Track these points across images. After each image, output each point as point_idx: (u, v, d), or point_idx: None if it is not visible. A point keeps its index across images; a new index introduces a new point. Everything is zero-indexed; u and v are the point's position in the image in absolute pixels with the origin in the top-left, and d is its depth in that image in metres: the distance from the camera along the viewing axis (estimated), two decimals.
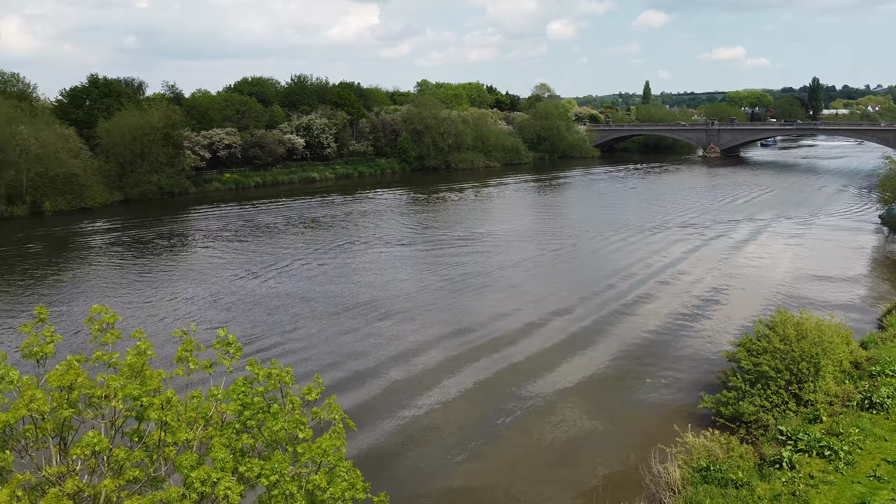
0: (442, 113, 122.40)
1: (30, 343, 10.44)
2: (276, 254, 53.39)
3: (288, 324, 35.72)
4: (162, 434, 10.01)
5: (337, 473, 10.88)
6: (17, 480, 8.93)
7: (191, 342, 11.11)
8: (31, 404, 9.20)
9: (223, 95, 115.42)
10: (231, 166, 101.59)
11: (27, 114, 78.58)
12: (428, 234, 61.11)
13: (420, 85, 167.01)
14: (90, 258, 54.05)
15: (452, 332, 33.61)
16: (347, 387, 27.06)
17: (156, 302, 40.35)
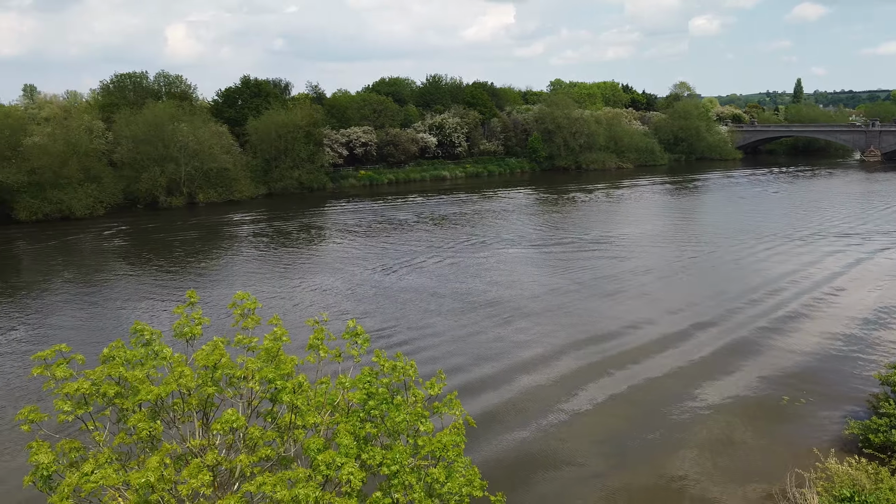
0: (574, 112, 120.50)
1: (181, 324, 11.39)
2: (407, 249, 54.74)
3: (418, 319, 36.39)
4: (293, 417, 10.59)
5: (455, 469, 11.03)
6: (165, 449, 9.75)
7: (322, 331, 11.66)
8: (180, 380, 10.02)
9: (361, 95, 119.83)
10: (366, 163, 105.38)
11: (187, 113, 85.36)
12: (557, 235, 60.35)
13: (553, 84, 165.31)
14: (236, 246, 57.98)
15: (583, 339, 32.71)
16: (471, 386, 27.06)
17: (293, 290, 42.63)
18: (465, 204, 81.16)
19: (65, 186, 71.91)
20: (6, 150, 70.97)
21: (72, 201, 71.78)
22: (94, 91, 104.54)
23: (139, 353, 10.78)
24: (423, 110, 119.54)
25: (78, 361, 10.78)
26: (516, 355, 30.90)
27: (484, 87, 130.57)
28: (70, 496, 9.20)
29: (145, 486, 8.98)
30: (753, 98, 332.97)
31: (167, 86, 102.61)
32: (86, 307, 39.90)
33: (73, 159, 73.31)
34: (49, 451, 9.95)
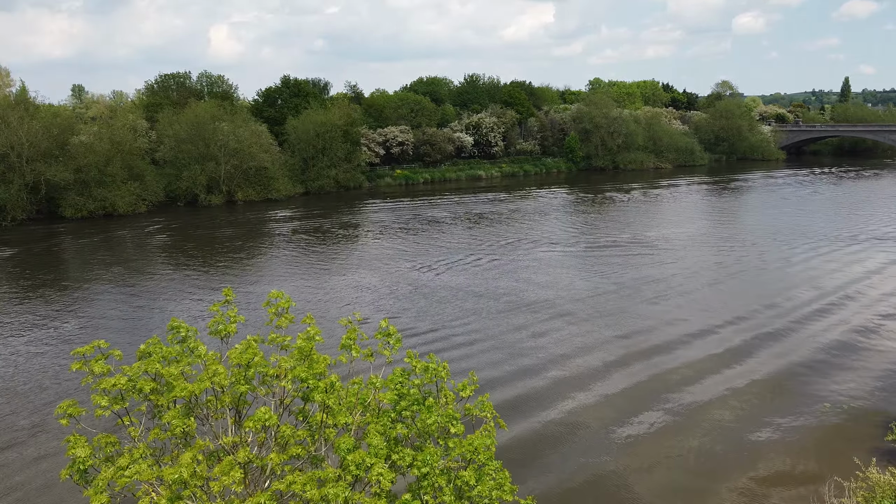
0: (613, 112, 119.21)
1: (216, 322, 11.49)
2: (444, 248, 54.76)
3: (456, 318, 36.27)
4: (324, 416, 10.59)
5: (486, 472, 10.91)
6: (198, 446, 9.85)
7: (355, 330, 11.65)
8: (213, 378, 10.10)
9: (399, 95, 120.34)
10: (402, 163, 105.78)
11: (228, 112, 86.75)
12: (595, 235, 59.71)
13: (592, 83, 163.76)
14: (274, 244, 58.69)
15: (624, 342, 32.08)
16: (507, 388, 26.79)
17: (329, 288, 42.95)
18: (501, 203, 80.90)
19: (109, 184, 73.67)
20: (54, 149, 72.95)
21: (115, 199, 73.50)
22: (139, 91, 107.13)
23: (175, 349, 10.91)
24: (460, 110, 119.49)
25: (116, 357, 10.95)
26: (555, 356, 30.53)
27: (521, 86, 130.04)
28: (105, 490, 9.35)
29: (178, 481, 9.07)
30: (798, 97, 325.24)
31: (209, 86, 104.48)
32: (126, 302, 40.77)
33: (117, 158, 75.07)
34: (86, 445, 10.12)
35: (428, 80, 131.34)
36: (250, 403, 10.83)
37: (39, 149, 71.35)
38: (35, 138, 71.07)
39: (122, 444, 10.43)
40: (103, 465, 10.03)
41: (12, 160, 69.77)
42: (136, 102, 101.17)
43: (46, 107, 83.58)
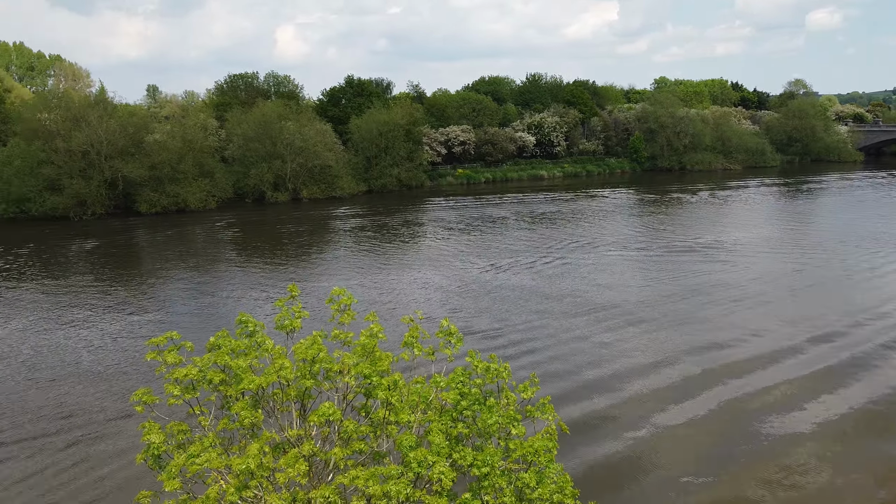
0: (679, 111, 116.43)
1: (282, 317, 11.78)
2: (507, 247, 54.53)
3: (519, 319, 35.89)
4: (386, 413, 10.71)
5: (547, 475, 10.83)
6: (265, 437, 10.11)
7: (417, 328, 11.75)
8: (280, 372, 10.35)
9: (461, 94, 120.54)
10: (464, 162, 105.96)
11: (294, 111, 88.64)
12: (662, 237, 58.26)
13: (657, 82, 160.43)
14: (338, 241, 59.68)
15: (696, 350, 30.64)
16: (573, 394, 26.16)
17: (391, 286, 43.38)
18: (564, 203, 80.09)
19: (181, 181, 76.32)
20: (130, 147, 76.02)
21: (187, 195, 76.08)
22: (210, 91, 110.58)
23: (243, 343, 11.22)
24: (522, 109, 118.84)
25: (187, 348, 11.35)
26: (624, 364, 29.35)
27: (584, 85, 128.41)
28: (177, 476, 9.70)
29: (246, 471, 9.33)
30: (877, 96, 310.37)
31: (276, 85, 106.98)
32: (197, 295, 42.18)
33: (189, 155, 77.70)
34: (159, 432, 10.53)
35: (490, 79, 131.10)
36: (314, 398, 11.05)
37: (117, 146, 74.50)
38: (113, 136, 74.23)
39: (193, 433, 10.80)
40: (175, 451, 10.42)
41: (92, 157, 73.03)
42: (207, 102, 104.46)
43: (123, 106, 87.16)
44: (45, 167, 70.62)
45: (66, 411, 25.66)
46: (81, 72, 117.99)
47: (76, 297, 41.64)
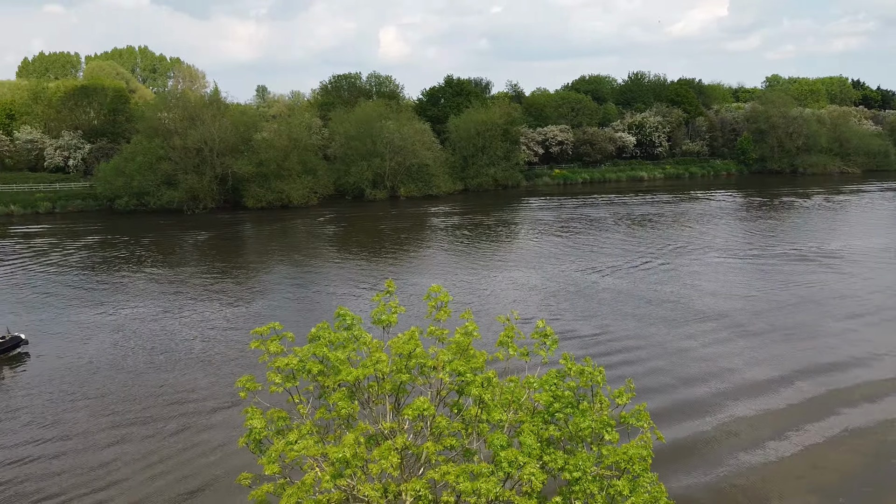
0: (792, 111, 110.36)
1: (379, 311, 12.02)
2: (606, 249, 53.61)
3: (618, 322, 35.07)
4: (478, 411, 10.74)
5: (640, 483, 10.55)
6: (360, 428, 10.37)
7: (512, 328, 11.71)
8: (377, 365, 10.59)
9: (560, 94, 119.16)
10: (561, 162, 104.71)
11: (394, 111, 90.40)
12: (772, 243, 55.45)
13: (769, 80, 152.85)
14: (434, 239, 60.40)
15: (812, 369, 28.43)
16: (673, 408, 24.88)
17: (487, 284, 43.44)
18: (665, 206, 77.66)
19: (285, 177, 79.44)
20: (240, 145, 79.81)
21: (291, 191, 79.09)
22: (314, 91, 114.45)
23: (342, 335, 11.53)
24: (623, 109, 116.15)
25: (289, 339, 11.78)
26: (731, 381, 27.34)
27: (690, 84, 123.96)
28: (276, 461, 10.10)
29: (341, 460, 9.59)
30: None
31: (377, 85, 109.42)
32: (297, 287, 43.77)
33: (293, 153, 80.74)
34: (261, 418, 11.00)
35: (590, 78, 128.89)
36: (408, 392, 11.23)
37: (228, 144, 78.38)
38: (225, 134, 78.15)
39: (292, 420, 11.22)
40: (275, 437, 10.86)
41: (205, 154, 77.16)
42: (312, 101, 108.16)
43: (235, 106, 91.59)
44: (163, 163, 75.21)
45: (178, 396, 27.28)
46: (198, 73, 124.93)
47: (189, 286, 44.15)
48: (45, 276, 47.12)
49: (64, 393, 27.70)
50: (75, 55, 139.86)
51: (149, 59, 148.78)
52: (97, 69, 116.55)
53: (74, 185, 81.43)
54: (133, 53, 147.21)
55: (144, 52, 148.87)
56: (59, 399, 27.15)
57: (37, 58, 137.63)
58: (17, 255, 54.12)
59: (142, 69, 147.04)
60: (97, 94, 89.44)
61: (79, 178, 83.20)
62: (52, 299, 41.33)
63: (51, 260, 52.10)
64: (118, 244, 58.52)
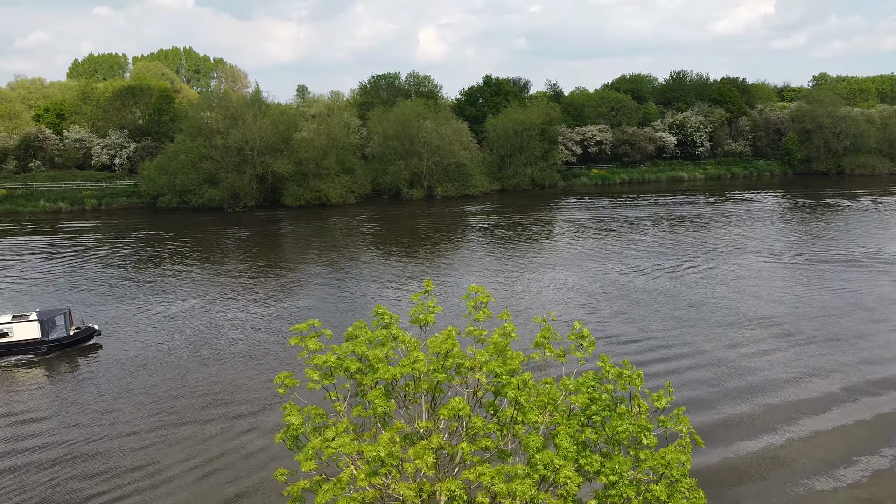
0: (840, 110, 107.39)
1: (417, 311, 12.04)
2: (648, 250, 52.97)
3: (657, 326, 34.45)
4: (514, 412, 10.69)
5: (678, 489, 10.38)
6: (396, 427, 10.40)
7: (549, 329, 11.63)
8: (414, 364, 10.60)
9: (599, 93, 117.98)
10: (599, 162, 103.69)
11: (432, 111, 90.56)
12: (821, 246, 54.04)
13: (817, 79, 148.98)
14: (471, 239, 60.33)
15: (872, 381, 27.22)
16: (709, 410, 24.37)
17: (525, 284, 43.24)
18: (706, 207, 76.27)
19: (324, 176, 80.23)
20: (280, 144, 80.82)
21: (329, 190, 79.85)
22: (354, 90, 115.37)
23: (380, 334, 11.58)
24: (664, 108, 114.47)
25: (327, 336, 11.87)
26: (780, 394, 26.20)
27: (734, 83, 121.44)
28: (312, 457, 10.19)
29: (376, 459, 9.64)
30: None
31: (416, 85, 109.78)
32: (336, 284, 44.19)
33: (332, 152, 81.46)
34: (298, 414, 11.10)
35: (630, 77, 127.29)
36: (445, 392, 11.22)
37: (268, 143, 79.44)
38: (265, 134, 79.25)
39: (328, 417, 11.30)
40: (312, 434, 10.95)
41: (246, 153, 78.35)
42: (351, 101, 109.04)
43: (276, 105, 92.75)
44: (205, 162, 76.61)
45: (223, 390, 27.79)
46: (240, 73, 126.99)
47: (231, 282, 44.92)
48: (93, 270, 48.45)
49: (113, 386, 28.49)
50: (122, 56, 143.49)
51: (193, 60, 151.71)
52: (143, 70, 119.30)
53: (120, 183, 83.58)
54: (178, 54, 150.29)
55: (189, 53, 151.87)
56: (109, 392, 27.95)
57: (86, 59, 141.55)
58: (68, 249, 55.71)
59: (186, 69, 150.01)
60: (143, 95, 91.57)
61: (124, 177, 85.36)
62: (99, 292, 42.47)
63: (98, 255, 53.57)
64: (163, 241, 59.86)
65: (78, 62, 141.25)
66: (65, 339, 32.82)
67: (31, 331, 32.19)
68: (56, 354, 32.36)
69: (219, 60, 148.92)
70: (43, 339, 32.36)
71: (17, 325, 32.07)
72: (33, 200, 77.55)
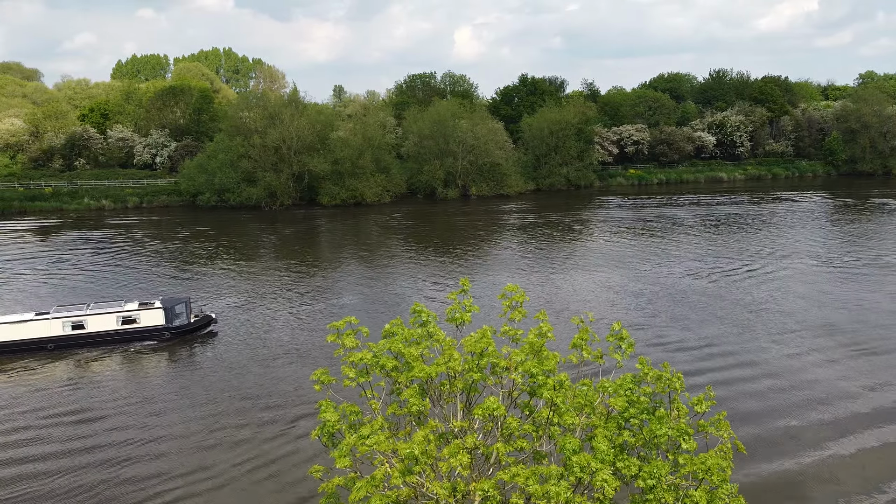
0: (888, 109, 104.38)
1: (453, 309, 11.99)
2: (692, 253, 52.13)
3: (715, 331, 33.39)
4: (550, 413, 10.57)
5: (718, 495, 10.17)
6: (431, 426, 10.37)
7: (586, 330, 11.47)
8: (449, 363, 10.55)
9: (637, 92, 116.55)
10: (636, 162, 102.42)
11: (467, 110, 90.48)
12: (876, 250, 52.06)
13: (863, 77, 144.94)
14: (507, 238, 60.10)
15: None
16: (761, 425, 23.23)
17: (562, 285, 42.92)
18: (749, 207, 74.65)
19: (359, 176, 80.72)
20: (317, 143, 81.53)
21: (364, 189, 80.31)
22: (389, 90, 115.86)
23: (416, 332, 11.55)
24: (703, 108, 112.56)
25: (363, 333, 11.89)
26: (843, 409, 24.72)
27: (776, 81, 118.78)
28: (347, 454, 10.22)
29: (410, 457, 9.61)
30: None
31: (451, 85, 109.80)
32: (372, 282, 44.45)
33: (368, 152, 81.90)
34: (334, 411, 11.14)
35: (669, 76, 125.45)
36: (480, 392, 11.15)
37: (305, 142, 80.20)
38: (302, 133, 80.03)
39: (364, 415, 11.32)
40: (347, 431, 10.98)
41: (283, 152, 79.24)
42: (387, 101, 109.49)
43: (312, 105, 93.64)
44: (243, 161, 77.71)
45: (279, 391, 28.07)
46: (278, 73, 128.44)
47: (273, 279, 45.51)
48: (137, 265, 49.49)
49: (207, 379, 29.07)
50: (164, 57, 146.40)
51: (232, 61, 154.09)
52: (184, 70, 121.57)
53: (160, 182, 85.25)
54: (217, 55, 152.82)
55: (228, 54, 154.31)
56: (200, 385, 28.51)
57: (129, 60, 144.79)
58: (115, 244, 57.02)
59: (225, 70, 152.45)
60: (184, 95, 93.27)
61: (165, 175, 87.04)
62: (144, 285, 43.37)
63: (145, 250, 54.71)
64: (205, 237, 60.93)
65: (121, 63, 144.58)
66: (186, 327, 34.83)
67: (156, 318, 34.39)
68: (177, 341, 34.09)
69: (257, 61, 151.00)
70: (167, 325, 34.32)
71: (144, 312, 34.31)
72: (78, 198, 79.55)
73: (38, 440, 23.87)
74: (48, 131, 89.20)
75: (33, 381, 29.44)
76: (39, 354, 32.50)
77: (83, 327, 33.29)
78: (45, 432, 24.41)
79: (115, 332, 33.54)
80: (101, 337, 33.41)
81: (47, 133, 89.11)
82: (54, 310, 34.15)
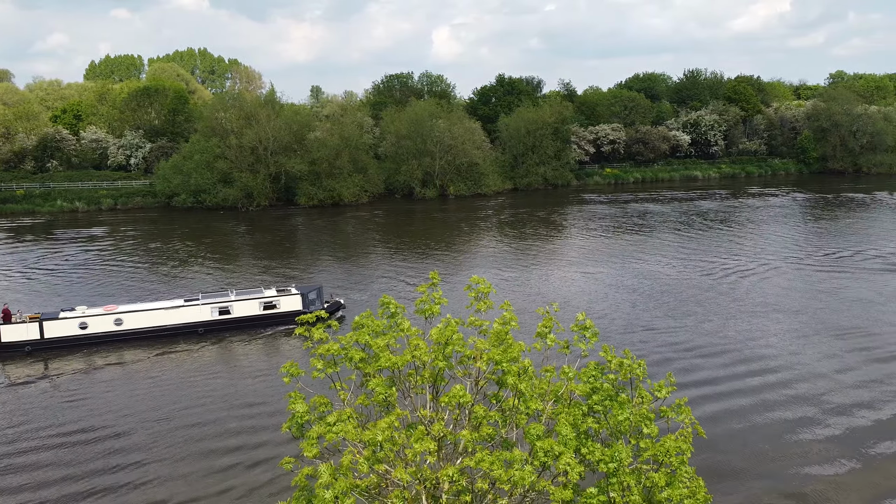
0: (856, 108, 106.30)
1: (422, 301, 12.17)
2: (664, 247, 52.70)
3: (747, 337, 32.35)
4: (516, 401, 10.79)
5: (678, 477, 10.44)
6: (396, 413, 10.53)
7: (550, 320, 11.71)
8: (415, 352, 10.73)
9: (613, 92, 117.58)
10: (612, 161, 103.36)
11: (445, 110, 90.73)
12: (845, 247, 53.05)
13: (833, 77, 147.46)
14: (484, 236, 60.43)
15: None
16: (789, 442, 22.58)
17: (538, 280, 43.34)
18: (724, 204, 75.73)
19: (337, 176, 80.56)
20: (294, 144, 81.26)
21: (342, 189, 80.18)
22: (367, 90, 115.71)
23: (383, 323, 11.71)
24: (678, 107, 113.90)
25: (333, 327, 12.03)
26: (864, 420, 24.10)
27: (748, 81, 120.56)
28: (315, 444, 10.35)
29: (374, 443, 9.77)
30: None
31: (429, 85, 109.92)
32: (348, 278, 44.45)
33: (345, 152, 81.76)
34: (303, 403, 11.26)
35: (644, 76, 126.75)
36: (447, 381, 11.34)
37: (282, 143, 79.91)
38: (279, 134, 79.73)
39: (334, 407, 11.45)
40: (317, 422, 11.10)
41: (260, 153, 78.89)
42: (364, 101, 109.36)
43: (289, 106, 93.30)
44: (219, 162, 77.20)
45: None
46: (255, 74, 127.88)
47: (249, 278, 45.31)
48: (112, 267, 49.02)
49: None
50: (138, 58, 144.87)
51: (208, 61, 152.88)
52: (159, 71, 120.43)
53: (135, 183, 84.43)
54: (193, 55, 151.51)
55: (204, 54, 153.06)
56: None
57: (102, 61, 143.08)
58: (90, 247, 56.42)
59: (201, 70, 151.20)
60: (158, 95, 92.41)
61: (139, 176, 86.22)
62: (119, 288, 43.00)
63: (120, 252, 54.15)
64: (180, 239, 60.46)
65: (95, 64, 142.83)
66: None
67: (294, 303, 35.95)
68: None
69: (233, 61, 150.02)
70: (304, 311, 34.82)
71: (283, 298, 36.41)
72: (50, 200, 78.51)
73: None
74: (19, 132, 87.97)
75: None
76: (191, 338, 34.43)
77: (229, 312, 35.52)
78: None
79: (258, 317, 35.70)
80: (245, 321, 35.52)
81: (18, 134, 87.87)
82: (202, 297, 36.35)
